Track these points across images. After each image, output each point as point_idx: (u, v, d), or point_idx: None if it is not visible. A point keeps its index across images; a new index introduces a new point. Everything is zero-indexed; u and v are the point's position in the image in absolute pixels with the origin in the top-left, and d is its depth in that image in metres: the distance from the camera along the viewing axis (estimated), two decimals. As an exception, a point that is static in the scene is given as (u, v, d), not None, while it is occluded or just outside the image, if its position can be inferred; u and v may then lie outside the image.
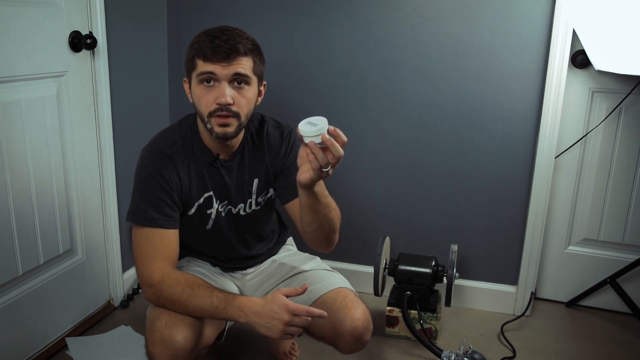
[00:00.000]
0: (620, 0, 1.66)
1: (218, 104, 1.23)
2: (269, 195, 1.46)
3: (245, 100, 1.26)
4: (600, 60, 1.71)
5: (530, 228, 2.00)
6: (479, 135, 1.98)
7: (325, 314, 1.19)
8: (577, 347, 1.89)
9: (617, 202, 2.03)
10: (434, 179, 2.06)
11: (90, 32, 1.75)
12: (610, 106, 1.94)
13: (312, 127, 1.08)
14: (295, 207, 1.41)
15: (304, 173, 1.16)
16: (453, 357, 1.52)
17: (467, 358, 1.52)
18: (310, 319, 1.19)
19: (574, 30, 1.80)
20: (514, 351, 1.84)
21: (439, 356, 1.61)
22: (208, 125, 1.26)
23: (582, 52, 1.86)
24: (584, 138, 2.00)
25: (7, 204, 1.54)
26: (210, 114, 1.24)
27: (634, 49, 1.65)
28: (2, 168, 1.51)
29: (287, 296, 1.20)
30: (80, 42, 1.71)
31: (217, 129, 1.25)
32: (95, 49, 1.77)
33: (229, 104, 1.23)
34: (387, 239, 1.93)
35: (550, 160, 1.93)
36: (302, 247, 1.76)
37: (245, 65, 1.24)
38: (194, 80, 1.25)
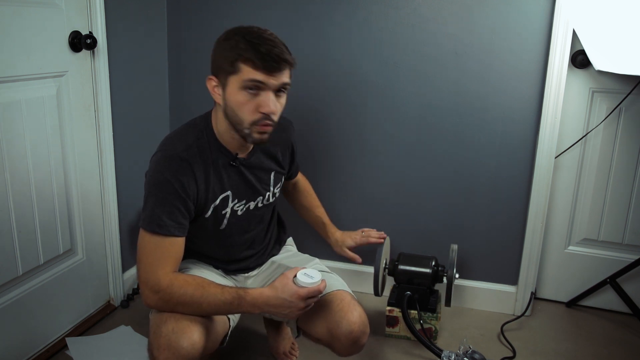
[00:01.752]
0: (620, 0, 1.66)
1: (263, 113, 1.23)
2: (281, 184, 1.53)
3: (282, 107, 1.29)
4: (600, 60, 1.71)
5: (530, 228, 2.00)
6: (479, 135, 1.98)
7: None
8: (577, 347, 1.89)
9: (617, 202, 2.03)
10: (434, 178, 2.06)
11: (90, 32, 1.75)
12: (610, 106, 1.94)
13: (309, 280, 1.24)
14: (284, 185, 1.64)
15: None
16: (453, 357, 1.52)
17: (467, 358, 1.51)
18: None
19: (574, 30, 1.80)
20: (514, 351, 1.84)
21: (439, 356, 1.61)
22: (246, 132, 1.27)
23: (582, 52, 1.86)
24: (584, 138, 2.00)
25: (7, 204, 1.54)
26: (253, 123, 1.25)
27: (634, 49, 1.65)
28: (2, 168, 1.51)
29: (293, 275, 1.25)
30: (80, 42, 1.71)
31: (256, 136, 1.27)
32: (95, 49, 1.77)
33: (274, 113, 1.25)
34: (387, 239, 1.93)
35: (550, 160, 1.93)
36: (301, 247, 1.76)
37: (288, 74, 1.26)
38: (235, 84, 1.22)
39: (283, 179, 1.54)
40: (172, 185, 1.25)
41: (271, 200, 1.49)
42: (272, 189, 1.47)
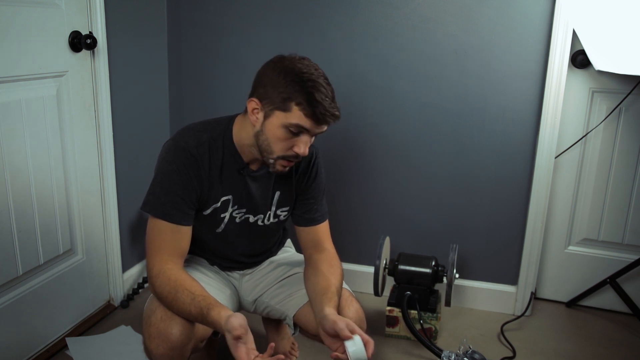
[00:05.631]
0: (620, 1, 1.66)
1: (296, 153, 1.25)
2: (290, 212, 1.47)
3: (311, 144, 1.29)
4: (600, 60, 1.71)
5: (530, 228, 2.00)
6: (479, 135, 1.98)
7: None
8: (577, 347, 1.89)
9: (617, 202, 2.03)
10: (434, 179, 2.06)
11: (90, 32, 1.75)
12: (610, 106, 1.94)
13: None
14: (303, 234, 1.46)
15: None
16: (453, 357, 1.52)
17: (467, 358, 1.51)
18: None
19: (574, 30, 1.80)
20: (514, 351, 1.84)
21: (439, 356, 1.61)
22: (271, 162, 1.28)
23: (582, 52, 1.86)
24: (584, 138, 2.00)
25: (7, 204, 1.54)
26: (282, 157, 1.26)
27: (634, 49, 1.65)
28: (2, 168, 1.51)
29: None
30: (80, 42, 1.71)
31: (279, 168, 1.29)
32: (95, 49, 1.77)
33: (305, 155, 1.26)
34: (387, 239, 1.93)
35: (550, 160, 1.93)
36: (300, 249, 1.75)
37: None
38: (281, 120, 1.22)
39: (293, 207, 1.46)
40: (178, 176, 1.28)
41: (272, 220, 1.44)
42: (273, 208, 1.43)
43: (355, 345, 1.14)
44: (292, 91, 1.20)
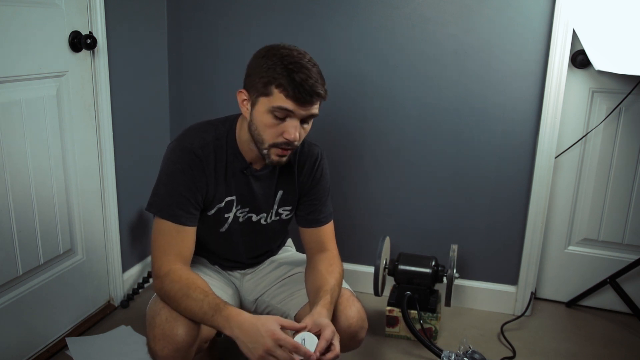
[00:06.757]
0: (620, 1, 1.66)
1: (286, 139, 1.22)
2: (292, 212, 1.46)
3: (306, 132, 1.27)
4: (600, 60, 1.71)
5: (530, 228, 2.00)
6: (479, 135, 1.98)
7: (313, 354, 1.11)
8: (577, 347, 1.89)
9: (617, 202, 2.03)
10: (434, 179, 2.06)
11: (90, 32, 1.75)
12: (610, 106, 1.94)
13: (299, 341, 1.14)
14: (306, 235, 1.45)
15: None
16: (453, 357, 1.52)
17: (467, 358, 1.52)
18: (294, 356, 1.11)
19: (574, 30, 1.80)
20: (514, 351, 1.84)
21: (439, 356, 1.61)
22: (265, 152, 1.26)
23: (582, 52, 1.86)
24: (584, 138, 2.00)
25: (7, 204, 1.54)
26: (274, 145, 1.24)
27: (634, 49, 1.65)
28: (2, 168, 1.51)
29: (282, 326, 1.14)
30: (80, 42, 1.71)
31: (274, 158, 1.26)
32: (95, 49, 1.77)
33: (296, 140, 1.23)
34: (387, 239, 1.93)
35: (550, 160, 1.93)
36: (300, 248, 1.76)
37: (318, 106, 1.24)
38: (264, 106, 1.21)
39: (295, 207, 1.46)
40: (183, 177, 1.27)
41: (273, 218, 1.44)
42: (275, 207, 1.43)
43: (301, 338, 1.16)
44: (272, 74, 1.19)
